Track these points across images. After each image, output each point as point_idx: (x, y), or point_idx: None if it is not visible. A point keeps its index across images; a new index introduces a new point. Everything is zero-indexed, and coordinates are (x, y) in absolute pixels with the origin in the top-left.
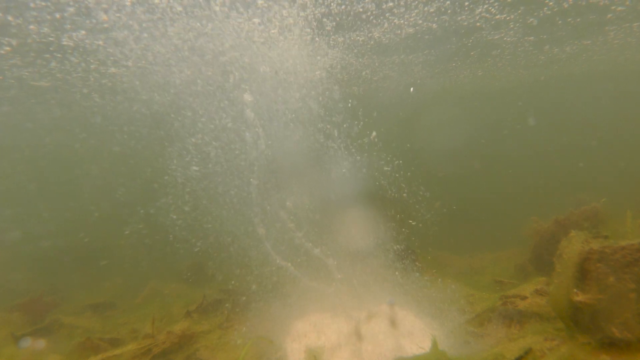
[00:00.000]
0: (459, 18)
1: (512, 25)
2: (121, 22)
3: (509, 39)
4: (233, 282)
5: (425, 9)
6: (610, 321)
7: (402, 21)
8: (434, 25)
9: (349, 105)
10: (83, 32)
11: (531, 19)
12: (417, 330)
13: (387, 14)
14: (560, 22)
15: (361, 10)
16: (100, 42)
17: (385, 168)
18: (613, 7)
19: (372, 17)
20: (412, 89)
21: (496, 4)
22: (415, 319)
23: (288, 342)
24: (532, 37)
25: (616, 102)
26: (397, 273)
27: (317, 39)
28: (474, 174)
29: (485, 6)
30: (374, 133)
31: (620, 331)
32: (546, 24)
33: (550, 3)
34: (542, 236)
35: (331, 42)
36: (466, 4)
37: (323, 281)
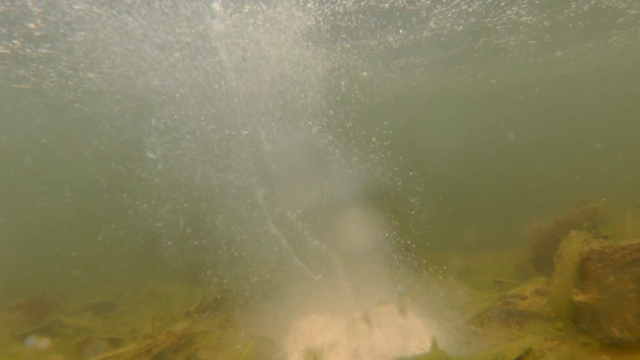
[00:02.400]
0: (486, 20)
1: (522, 28)
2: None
3: (513, 43)
4: (232, 282)
5: (464, 7)
6: (610, 321)
7: (433, 23)
8: (459, 27)
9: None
10: (16, 41)
11: (545, 22)
12: (416, 330)
13: (423, 12)
14: (570, 25)
15: (387, 7)
16: (45, 50)
17: (373, 139)
18: (629, 11)
19: (403, 15)
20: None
21: (525, 5)
22: (414, 319)
23: (288, 341)
24: (534, 41)
25: (613, 103)
26: (395, 273)
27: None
28: (474, 174)
29: (515, 8)
30: (365, 73)
31: (620, 331)
32: (557, 27)
33: (573, 5)
34: (542, 236)
35: (338, 48)
36: (502, 4)
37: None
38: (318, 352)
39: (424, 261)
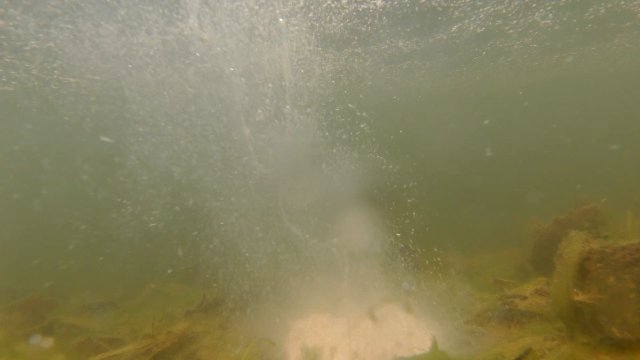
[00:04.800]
0: (512, 22)
1: (531, 32)
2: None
3: (516, 47)
4: (232, 282)
5: (498, 8)
6: (610, 321)
7: (455, 27)
8: (481, 29)
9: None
10: None
11: (556, 27)
12: (416, 330)
13: (456, 12)
14: (577, 29)
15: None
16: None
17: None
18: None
19: (434, 15)
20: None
21: (550, 7)
22: (414, 319)
23: (288, 341)
24: (535, 45)
25: (612, 104)
26: (395, 273)
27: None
28: (474, 175)
29: (542, 10)
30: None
31: (620, 331)
32: (565, 31)
33: (591, 8)
34: (542, 236)
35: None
36: (533, 5)
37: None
38: (318, 352)
39: (423, 261)
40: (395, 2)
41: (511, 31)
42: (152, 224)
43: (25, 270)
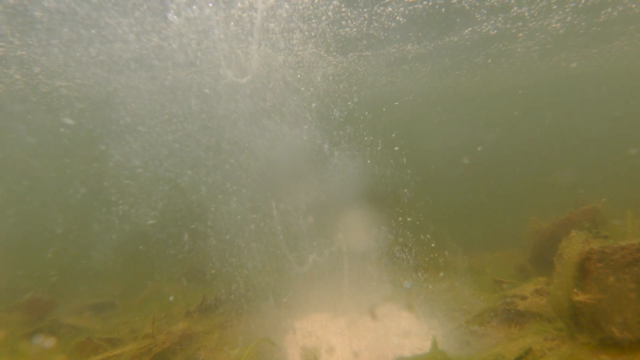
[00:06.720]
0: (530, 24)
1: (537, 34)
2: None
3: (520, 49)
4: (232, 282)
5: (524, 9)
6: (610, 321)
7: (468, 30)
8: (494, 32)
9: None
10: None
11: (561, 31)
12: (416, 330)
13: (477, 15)
14: (581, 32)
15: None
16: None
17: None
18: None
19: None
20: None
21: (568, 9)
22: (415, 319)
23: (288, 341)
24: (537, 47)
25: (611, 104)
26: (395, 272)
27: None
28: (474, 175)
29: (560, 12)
30: None
31: (620, 331)
32: (570, 34)
33: (603, 12)
34: (542, 236)
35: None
36: (554, 7)
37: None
38: (317, 353)
39: (423, 261)
40: (430, 3)
41: (520, 34)
42: (150, 221)
43: (21, 274)
